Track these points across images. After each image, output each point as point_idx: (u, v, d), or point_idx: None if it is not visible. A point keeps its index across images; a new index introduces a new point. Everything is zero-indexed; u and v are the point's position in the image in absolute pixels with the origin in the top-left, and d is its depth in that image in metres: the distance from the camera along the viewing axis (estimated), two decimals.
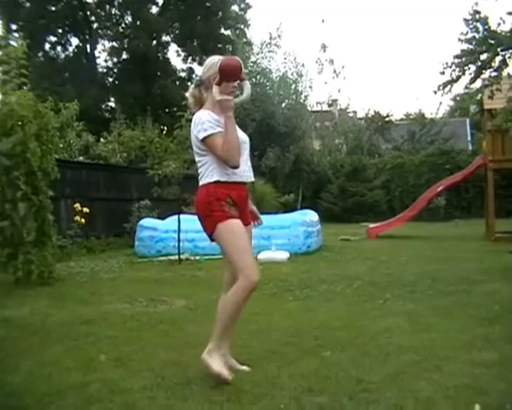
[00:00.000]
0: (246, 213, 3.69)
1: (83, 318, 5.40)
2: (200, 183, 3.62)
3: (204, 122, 3.52)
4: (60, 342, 4.49)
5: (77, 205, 11.44)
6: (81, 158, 14.29)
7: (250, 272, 3.45)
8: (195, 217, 3.68)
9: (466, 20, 9.68)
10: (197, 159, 3.66)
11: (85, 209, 11.44)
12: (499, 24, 9.56)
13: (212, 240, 3.64)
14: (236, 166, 3.53)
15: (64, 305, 6.15)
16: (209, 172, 3.55)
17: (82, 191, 12.62)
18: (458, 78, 10.00)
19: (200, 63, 35.04)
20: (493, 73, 9.85)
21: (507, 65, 9.60)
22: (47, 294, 6.86)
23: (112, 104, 34.16)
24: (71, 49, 34.29)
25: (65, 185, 11.68)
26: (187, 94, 3.82)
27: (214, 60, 3.69)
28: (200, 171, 3.64)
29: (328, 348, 3.98)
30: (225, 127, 3.51)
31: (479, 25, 9.59)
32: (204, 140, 3.51)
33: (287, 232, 10.87)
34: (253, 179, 3.75)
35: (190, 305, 6.00)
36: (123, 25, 34.44)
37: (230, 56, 3.79)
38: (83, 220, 11.36)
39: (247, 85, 3.63)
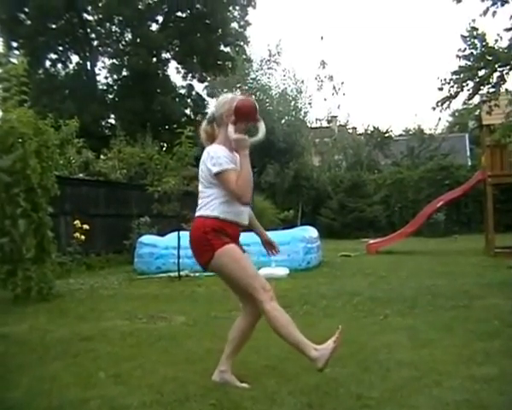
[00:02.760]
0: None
1: (82, 334, 5.40)
2: (198, 213, 3.66)
3: (220, 157, 3.57)
4: (59, 359, 4.48)
5: (76, 222, 11.44)
6: (81, 175, 14.30)
7: (262, 284, 3.55)
8: None
9: (464, 37, 9.74)
10: (201, 189, 3.69)
11: (85, 226, 11.44)
12: (497, 40, 9.63)
13: (205, 269, 3.69)
14: (247, 203, 3.63)
15: (63, 321, 6.15)
16: (210, 206, 3.60)
17: (82, 208, 12.61)
18: (457, 94, 10.05)
19: (200, 80, 35.18)
20: (491, 89, 9.89)
21: (505, 81, 9.65)
22: (46, 310, 6.85)
23: (112, 121, 34.22)
24: (71, 66, 34.41)
25: (65, 202, 11.67)
26: (201, 129, 3.85)
27: (227, 98, 3.78)
28: (200, 201, 3.67)
29: (328, 364, 3.97)
30: (241, 164, 3.59)
31: (476, 41, 9.64)
32: (218, 174, 3.55)
33: (286, 248, 10.83)
34: (246, 223, 3.79)
35: (190, 321, 5.99)
36: (123, 42, 34.59)
37: (246, 98, 3.88)
38: (82, 237, 11.36)
39: (262, 126, 3.71)
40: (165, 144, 20.14)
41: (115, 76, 34.76)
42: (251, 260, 3.72)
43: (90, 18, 33.81)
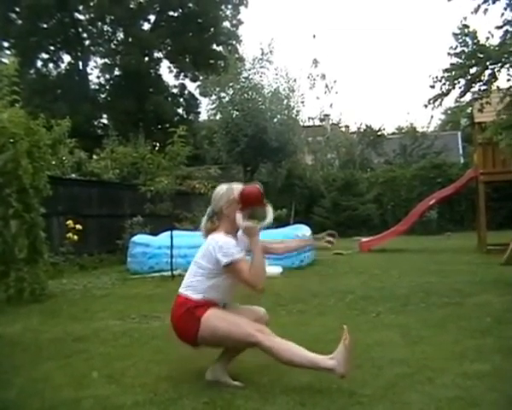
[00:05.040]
0: None
1: (75, 334, 5.39)
2: (184, 290, 3.65)
3: (230, 247, 3.53)
4: (52, 359, 4.47)
5: (69, 222, 11.42)
6: (73, 175, 14.26)
7: (256, 327, 3.52)
8: (188, 233, 3.69)
9: (455, 35, 9.74)
10: (195, 270, 3.66)
11: (78, 226, 11.41)
12: (488, 38, 9.62)
13: (195, 346, 3.68)
14: (262, 290, 3.57)
15: (56, 322, 6.13)
16: (197, 287, 3.60)
17: (74, 208, 12.58)
18: (448, 91, 10.03)
19: (193, 79, 35.20)
20: (483, 87, 9.89)
21: (496, 78, 9.64)
22: (39, 311, 6.84)
23: (104, 121, 34.24)
24: (63, 66, 34.42)
25: (57, 202, 11.64)
26: (202, 226, 3.82)
27: (223, 189, 3.76)
28: (189, 281, 3.66)
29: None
30: (253, 252, 3.56)
31: (468, 39, 9.64)
32: (228, 265, 3.52)
33: None
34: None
35: None
36: (115, 41, 34.59)
37: (252, 185, 3.83)
38: (75, 237, 11.33)
39: (270, 210, 3.70)
40: (158, 144, 20.11)
41: (107, 76, 34.75)
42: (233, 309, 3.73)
43: (81, 17, 33.80)
